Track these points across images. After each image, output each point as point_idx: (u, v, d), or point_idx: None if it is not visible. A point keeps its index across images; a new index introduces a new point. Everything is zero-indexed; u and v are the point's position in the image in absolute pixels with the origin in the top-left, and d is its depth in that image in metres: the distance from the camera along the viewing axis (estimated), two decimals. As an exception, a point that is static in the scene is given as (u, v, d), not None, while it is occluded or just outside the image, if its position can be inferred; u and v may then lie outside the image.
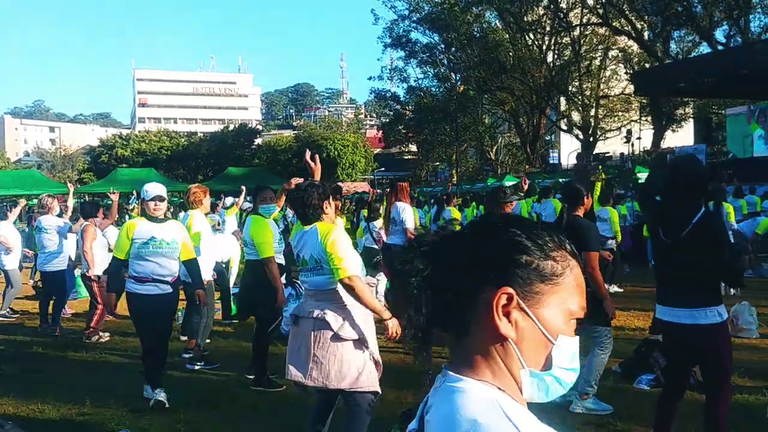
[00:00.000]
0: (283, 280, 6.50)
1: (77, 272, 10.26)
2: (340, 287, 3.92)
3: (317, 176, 4.83)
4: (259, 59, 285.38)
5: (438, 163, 56.58)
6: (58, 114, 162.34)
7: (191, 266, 6.10)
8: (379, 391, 4.06)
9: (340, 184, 44.41)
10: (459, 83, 46.76)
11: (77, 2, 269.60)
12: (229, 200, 14.67)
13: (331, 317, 3.92)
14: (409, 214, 8.39)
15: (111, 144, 64.20)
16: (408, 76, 48.22)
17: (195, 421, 5.42)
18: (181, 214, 16.63)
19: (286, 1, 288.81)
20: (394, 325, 4.00)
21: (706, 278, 3.89)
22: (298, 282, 6.16)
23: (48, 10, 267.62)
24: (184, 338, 8.22)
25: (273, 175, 44.04)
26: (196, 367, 7.11)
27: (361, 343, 3.95)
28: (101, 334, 8.67)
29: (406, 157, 63.26)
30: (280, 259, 6.54)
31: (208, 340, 7.73)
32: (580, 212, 5.46)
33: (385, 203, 9.12)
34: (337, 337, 3.90)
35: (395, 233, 8.35)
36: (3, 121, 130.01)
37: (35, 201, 23.86)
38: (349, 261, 3.92)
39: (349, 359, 3.91)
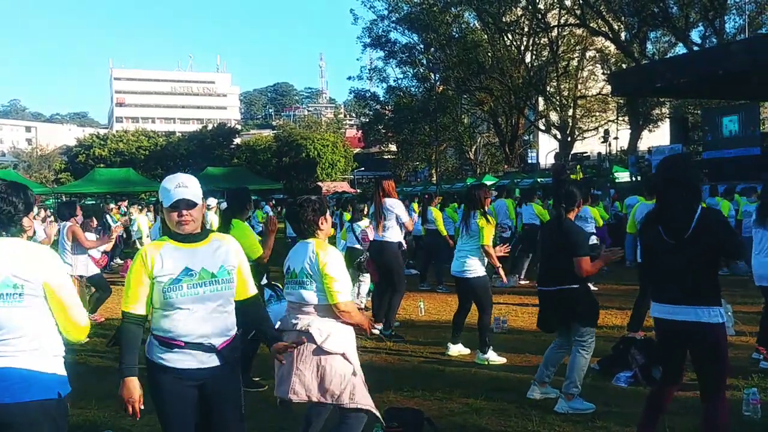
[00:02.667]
0: (264, 281, 6.45)
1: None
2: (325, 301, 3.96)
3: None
4: (237, 59, 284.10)
5: (418, 163, 56.70)
6: (34, 113, 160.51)
7: (254, 313, 3.60)
8: (370, 408, 4.03)
9: (319, 184, 44.40)
10: (438, 83, 46.85)
11: (54, 0, 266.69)
12: (212, 201, 14.67)
13: (316, 330, 3.91)
14: (401, 209, 8.45)
15: (88, 144, 63.65)
16: (387, 76, 48.33)
17: None
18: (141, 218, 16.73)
19: (265, 0, 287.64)
20: (365, 322, 4.11)
21: (710, 278, 3.95)
22: (278, 285, 6.15)
23: (23, 8, 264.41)
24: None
25: (252, 174, 43.92)
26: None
27: (345, 357, 3.95)
28: None
29: (385, 157, 63.31)
30: None
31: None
32: (572, 215, 5.59)
33: (372, 202, 9.11)
34: (320, 351, 3.90)
35: (388, 230, 8.35)
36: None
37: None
38: (344, 285, 3.95)
39: (333, 373, 3.90)
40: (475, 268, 7.01)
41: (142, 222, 16.16)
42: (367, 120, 53.31)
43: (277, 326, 4.10)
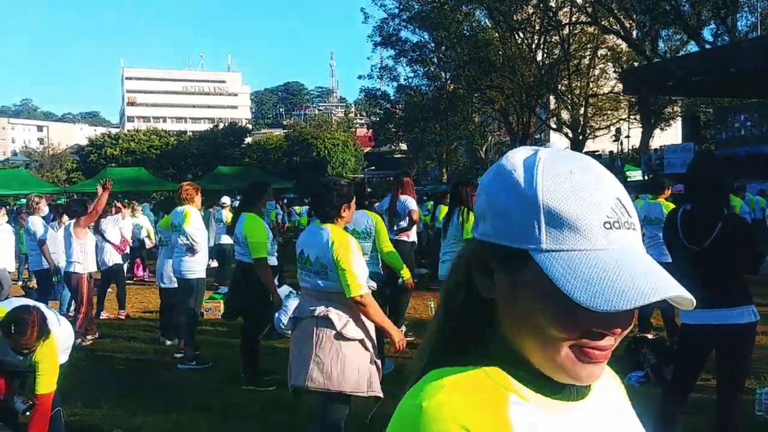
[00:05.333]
0: (276, 280, 6.49)
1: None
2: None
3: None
4: (248, 58, 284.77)
5: (428, 162, 56.67)
6: (45, 113, 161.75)
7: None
8: (382, 396, 3.92)
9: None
10: (449, 82, 46.77)
11: (65, 0, 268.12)
12: (226, 199, 14.79)
13: (335, 315, 3.80)
14: (412, 202, 8.25)
15: (100, 143, 63.95)
16: (398, 75, 48.23)
17: (187, 421, 5.44)
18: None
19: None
20: (400, 339, 3.92)
21: (738, 278, 3.90)
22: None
23: (35, 8, 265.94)
24: (168, 342, 8.28)
25: (263, 173, 44.00)
26: (188, 367, 7.12)
27: (364, 344, 3.85)
28: (85, 337, 8.31)
29: (396, 156, 63.34)
30: (272, 261, 6.48)
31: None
32: None
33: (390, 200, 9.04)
34: (340, 337, 3.79)
35: (400, 228, 8.22)
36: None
37: (23, 201, 23.81)
38: (361, 277, 3.80)
39: (352, 360, 3.79)
40: None
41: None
42: (378, 119, 53.30)
43: (293, 314, 4.10)
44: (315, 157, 56.63)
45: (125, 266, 12.25)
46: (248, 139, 68.83)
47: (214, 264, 15.75)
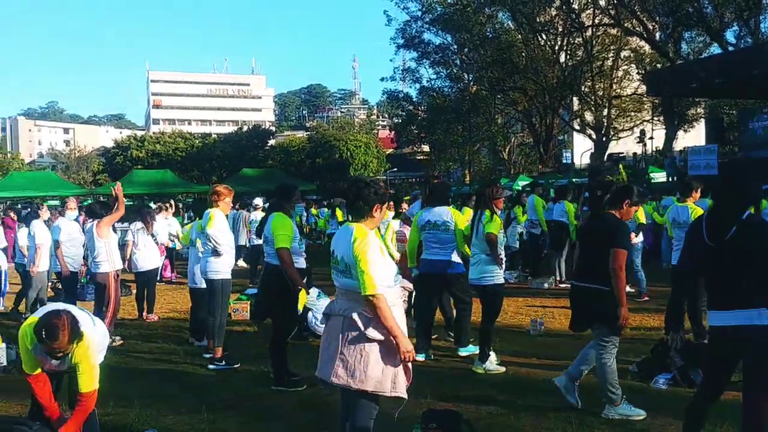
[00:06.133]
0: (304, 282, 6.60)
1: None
2: None
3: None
4: (272, 61, 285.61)
5: (451, 164, 56.61)
6: (72, 115, 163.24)
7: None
8: (405, 397, 3.97)
9: (345, 185, 44.61)
10: (472, 83, 46.75)
11: (91, 3, 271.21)
12: (258, 200, 15.01)
13: (358, 316, 3.86)
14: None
15: (126, 145, 64.54)
16: (420, 77, 48.21)
17: (218, 421, 5.55)
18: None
19: (299, 2, 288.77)
20: (407, 350, 3.86)
21: (754, 280, 3.90)
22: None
23: (62, 11, 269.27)
24: (199, 343, 8.41)
25: (286, 175, 44.25)
26: (217, 368, 7.25)
27: (389, 344, 3.86)
28: (114, 338, 8.18)
29: (418, 158, 63.32)
30: (301, 264, 6.58)
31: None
32: (617, 213, 5.45)
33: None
34: (364, 337, 3.84)
35: None
36: (17, 122, 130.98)
37: (50, 202, 24.27)
38: (375, 276, 3.79)
39: (376, 360, 3.84)
40: (493, 273, 6.88)
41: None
42: (400, 121, 53.35)
43: (325, 310, 4.16)
44: (337, 158, 56.81)
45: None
46: (272, 141, 69.12)
47: (243, 265, 16.02)
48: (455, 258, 7.33)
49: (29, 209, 12.22)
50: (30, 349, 4.40)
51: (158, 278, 12.51)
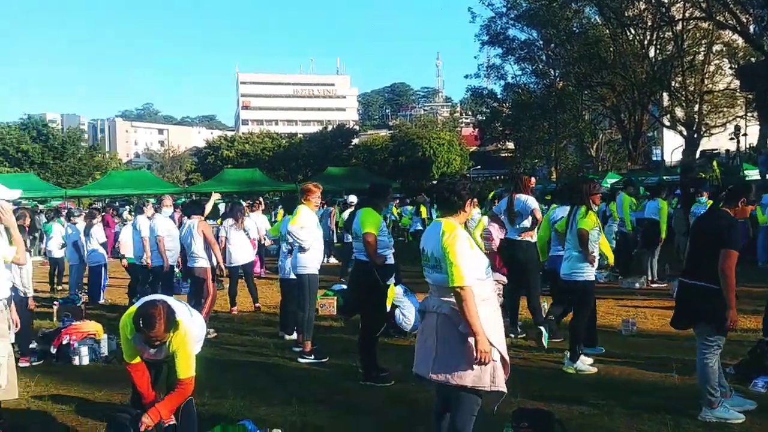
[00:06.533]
0: (392, 280, 6.67)
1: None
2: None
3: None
4: (356, 60, 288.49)
5: (536, 161, 55.74)
6: (166, 116, 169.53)
7: None
8: (505, 391, 3.95)
9: (434, 183, 44.55)
10: (558, 79, 45.94)
11: (183, 8, 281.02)
12: (352, 197, 15.27)
13: (454, 312, 3.84)
14: (533, 201, 8.13)
15: (217, 145, 66.60)
16: (505, 73, 47.67)
17: (310, 414, 5.65)
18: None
19: (383, 2, 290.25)
20: (484, 350, 3.80)
21: None
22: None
23: (156, 17, 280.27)
24: (289, 337, 8.62)
25: (370, 174, 44.61)
26: (307, 361, 7.38)
27: (484, 338, 3.81)
28: (208, 330, 8.21)
29: (502, 155, 62.62)
30: (390, 258, 6.63)
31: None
32: (731, 211, 5.28)
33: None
34: (460, 332, 3.84)
35: (521, 228, 8.12)
36: (115, 123, 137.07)
37: (146, 199, 25.44)
38: (464, 269, 3.80)
39: (472, 355, 3.80)
40: (583, 270, 6.72)
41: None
42: (484, 118, 52.95)
43: (419, 307, 4.18)
44: (420, 156, 56.84)
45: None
46: (355, 140, 69.80)
47: (332, 261, 16.30)
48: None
49: (127, 207, 12.87)
50: (130, 338, 4.59)
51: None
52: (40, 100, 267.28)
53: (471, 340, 3.82)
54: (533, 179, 8.64)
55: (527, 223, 8.08)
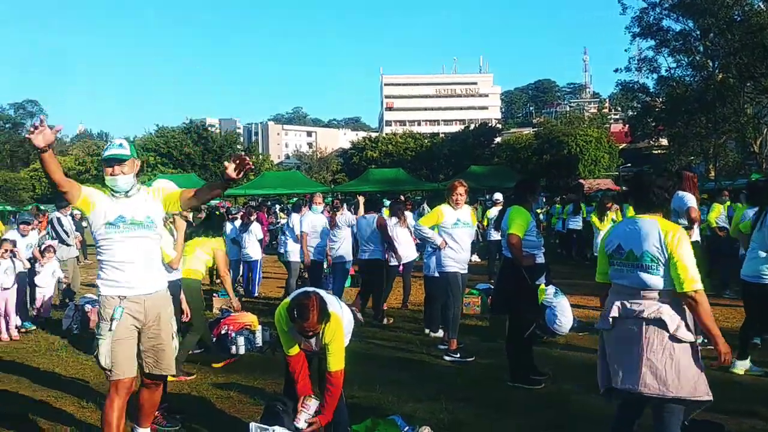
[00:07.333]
0: (542, 279, 6.51)
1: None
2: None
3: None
4: (499, 59, 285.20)
5: (692, 158, 52.71)
6: (314, 119, 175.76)
7: None
8: (711, 399, 3.74)
9: (581, 181, 43.23)
10: (717, 71, 43.19)
11: (332, 14, 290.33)
12: (498, 195, 15.25)
13: (668, 317, 3.63)
14: (691, 199, 7.54)
15: (361, 146, 68.14)
16: (659, 66, 45.38)
17: (458, 411, 5.64)
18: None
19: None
20: (726, 351, 3.63)
21: None
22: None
23: (306, 28, 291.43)
24: (434, 334, 8.65)
25: (513, 172, 43.97)
26: (453, 359, 7.36)
27: (695, 346, 3.68)
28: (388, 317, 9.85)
29: (654, 152, 59.71)
30: (540, 258, 6.49)
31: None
32: None
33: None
34: (674, 339, 3.62)
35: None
36: (267, 127, 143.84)
37: (294, 199, 26.52)
38: (695, 271, 3.61)
39: (688, 364, 3.62)
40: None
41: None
42: (635, 113, 50.70)
43: (609, 314, 3.87)
44: (565, 154, 55.35)
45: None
46: (498, 139, 69.11)
47: (476, 260, 16.22)
48: None
49: (282, 205, 13.53)
50: (286, 330, 4.75)
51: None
52: (200, 105, 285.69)
53: (687, 346, 3.63)
54: (695, 176, 8.07)
55: (683, 221, 7.45)
